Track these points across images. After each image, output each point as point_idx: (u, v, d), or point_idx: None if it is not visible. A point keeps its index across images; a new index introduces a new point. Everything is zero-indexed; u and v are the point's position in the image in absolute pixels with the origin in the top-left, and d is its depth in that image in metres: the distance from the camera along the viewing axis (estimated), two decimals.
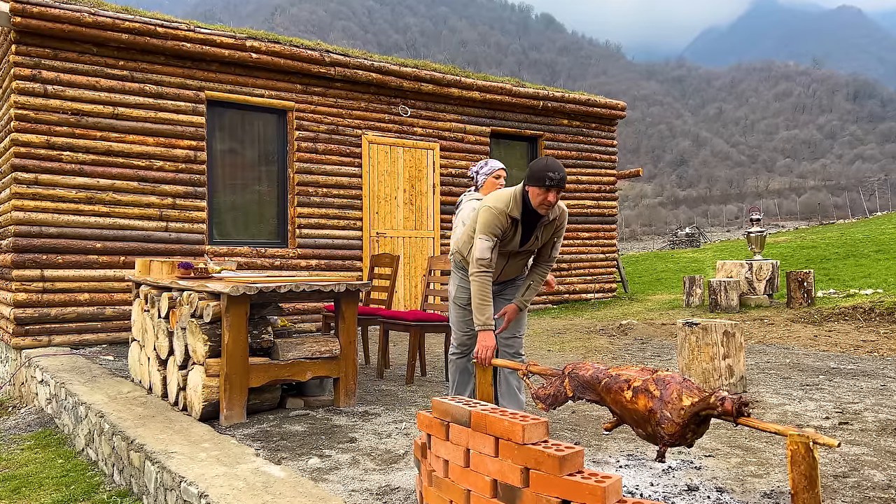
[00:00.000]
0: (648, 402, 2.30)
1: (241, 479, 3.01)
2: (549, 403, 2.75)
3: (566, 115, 10.60)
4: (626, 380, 2.41)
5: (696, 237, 29.02)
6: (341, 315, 4.53)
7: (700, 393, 2.23)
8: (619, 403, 2.43)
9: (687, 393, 2.23)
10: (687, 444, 2.28)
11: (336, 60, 8.36)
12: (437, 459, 2.28)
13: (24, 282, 6.67)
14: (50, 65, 6.80)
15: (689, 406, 2.21)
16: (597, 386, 2.54)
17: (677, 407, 2.22)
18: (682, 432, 2.22)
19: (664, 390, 2.27)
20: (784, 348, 6.91)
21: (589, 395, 2.58)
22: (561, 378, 2.74)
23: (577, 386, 2.63)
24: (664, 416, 2.24)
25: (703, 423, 2.25)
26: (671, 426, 2.22)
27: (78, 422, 4.73)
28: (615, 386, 2.44)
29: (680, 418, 2.21)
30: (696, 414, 2.20)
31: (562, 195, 3.80)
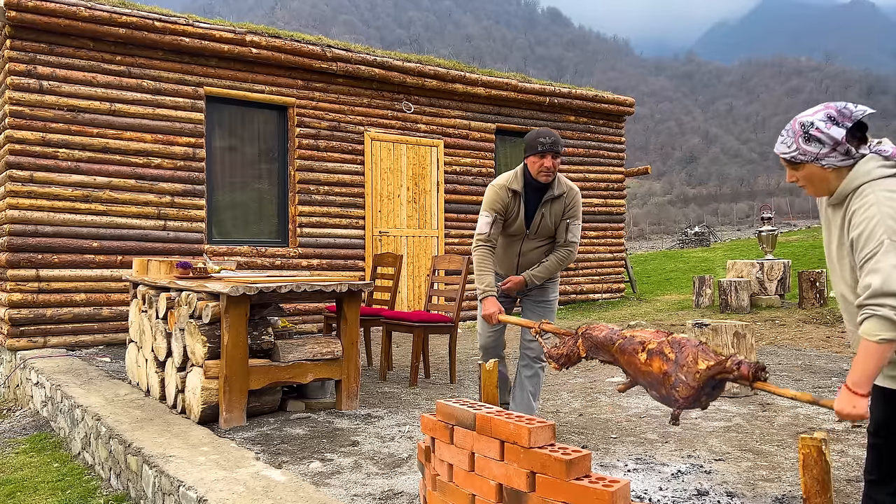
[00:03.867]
0: (663, 365, 2.31)
1: (241, 484, 2.99)
2: (562, 363, 2.78)
3: (573, 112, 10.45)
4: (641, 342, 2.41)
5: (706, 236, 28.86)
6: (343, 316, 4.51)
7: (716, 357, 2.22)
8: (632, 365, 2.44)
9: (703, 356, 2.23)
10: (702, 406, 2.29)
11: (338, 56, 8.24)
12: (441, 463, 2.26)
13: (19, 282, 6.58)
14: (46, 60, 6.71)
15: (704, 370, 2.21)
16: (610, 347, 2.54)
17: (693, 370, 2.22)
18: (696, 395, 2.22)
19: (679, 353, 2.28)
20: (796, 350, 6.85)
21: (602, 355, 2.60)
22: (574, 338, 2.75)
23: (591, 347, 2.64)
24: (679, 379, 2.24)
25: (718, 386, 2.25)
26: (686, 389, 2.22)
27: (74, 425, 4.72)
28: (629, 347, 2.45)
29: (695, 381, 2.21)
30: (712, 378, 2.20)
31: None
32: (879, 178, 2.01)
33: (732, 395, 4.87)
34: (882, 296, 1.86)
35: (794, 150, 2.12)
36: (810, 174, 2.13)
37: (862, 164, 2.06)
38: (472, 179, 9.49)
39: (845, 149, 2.06)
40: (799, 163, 2.13)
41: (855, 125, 2.08)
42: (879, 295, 1.87)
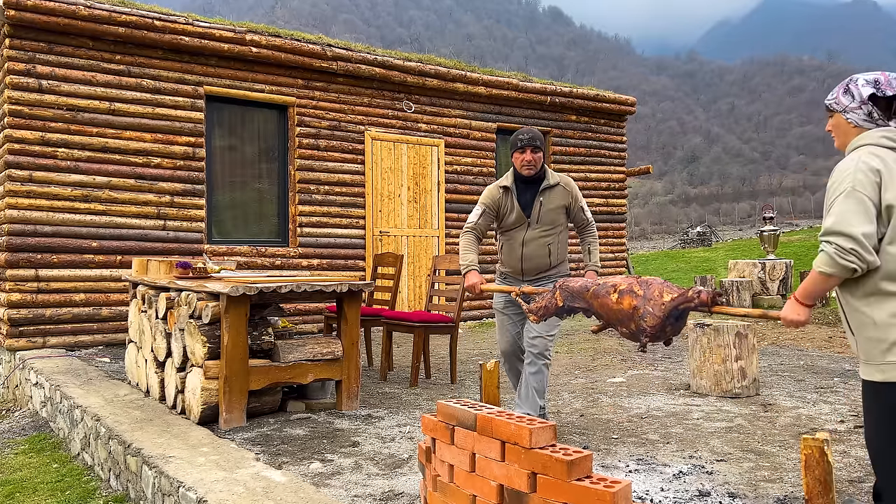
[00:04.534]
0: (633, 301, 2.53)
1: (241, 485, 2.99)
2: (541, 315, 2.98)
3: (574, 111, 10.41)
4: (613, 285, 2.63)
5: (707, 236, 28.80)
6: (344, 316, 4.52)
7: (679, 289, 2.47)
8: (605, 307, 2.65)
9: (667, 290, 2.48)
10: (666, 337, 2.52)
11: (338, 55, 8.22)
12: (441, 464, 2.26)
13: (18, 282, 6.57)
14: (45, 59, 6.69)
15: (668, 301, 2.44)
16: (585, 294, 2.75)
17: (658, 302, 2.45)
18: (662, 325, 2.45)
19: (647, 289, 2.52)
20: (798, 350, 6.84)
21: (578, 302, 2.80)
22: (552, 291, 2.95)
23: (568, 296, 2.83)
24: (647, 311, 2.48)
25: (681, 318, 2.48)
26: (653, 319, 2.45)
27: (73, 425, 4.72)
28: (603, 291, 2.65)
29: (661, 311, 2.44)
30: (676, 308, 2.43)
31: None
32: (875, 144, 2.20)
33: (734, 396, 4.85)
34: (830, 234, 2.11)
35: (833, 98, 2.35)
36: (837, 124, 2.34)
37: (874, 131, 2.23)
38: (472, 179, 9.46)
39: (868, 110, 2.24)
40: (832, 111, 2.35)
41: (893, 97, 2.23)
42: (829, 233, 2.11)
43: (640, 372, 5.88)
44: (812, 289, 2.19)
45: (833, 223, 2.11)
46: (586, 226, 4.14)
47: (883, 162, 2.14)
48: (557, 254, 4.05)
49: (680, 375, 5.67)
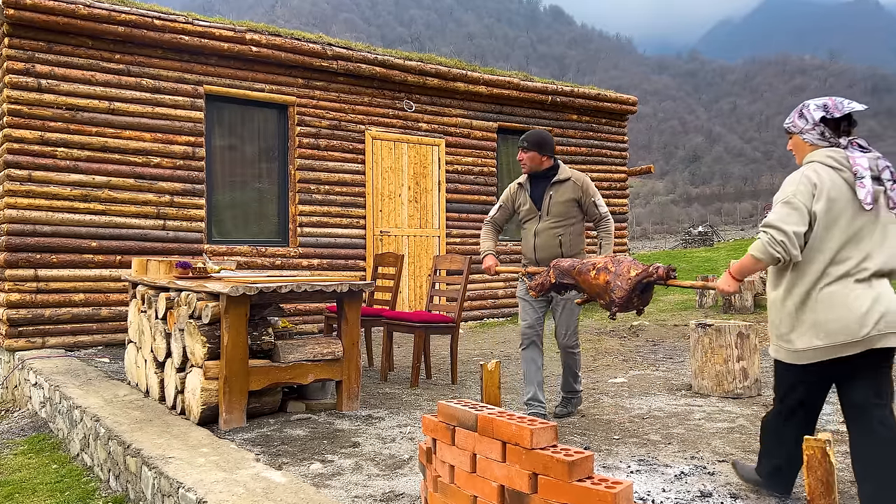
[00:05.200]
0: (606, 276, 3.00)
1: (241, 485, 2.99)
2: (538, 290, 3.43)
3: (576, 110, 10.39)
4: (593, 263, 3.11)
5: (709, 236, 28.73)
6: (344, 316, 4.51)
7: (644, 266, 2.94)
8: (587, 282, 3.13)
9: (634, 267, 2.95)
10: (634, 307, 2.99)
11: (339, 54, 8.20)
12: (442, 465, 2.26)
13: (18, 282, 6.55)
14: (44, 58, 6.68)
15: (634, 276, 2.92)
16: (572, 272, 3.22)
17: (626, 277, 2.93)
18: (629, 296, 2.92)
19: (618, 267, 3.00)
20: None
21: (567, 279, 3.26)
22: (548, 270, 3.44)
23: (559, 274, 3.28)
24: (616, 284, 2.95)
25: (646, 290, 2.96)
26: (620, 291, 2.92)
27: (73, 426, 4.71)
28: (585, 269, 3.11)
29: (628, 285, 2.92)
30: (640, 281, 2.91)
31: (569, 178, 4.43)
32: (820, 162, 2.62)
33: (736, 396, 4.83)
34: (768, 226, 2.55)
35: (790, 122, 2.78)
36: (796, 143, 2.77)
37: (822, 150, 2.65)
38: (473, 179, 9.44)
39: (821, 130, 2.66)
40: (791, 132, 2.78)
41: (843, 118, 2.65)
42: (767, 226, 2.55)
43: (641, 372, 5.86)
44: (743, 268, 2.65)
45: (772, 219, 2.55)
46: (600, 220, 4.35)
47: (820, 178, 2.57)
48: (570, 245, 4.29)
49: (681, 376, 5.65)
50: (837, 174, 2.58)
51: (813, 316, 2.54)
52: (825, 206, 2.54)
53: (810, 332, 2.55)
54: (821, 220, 2.55)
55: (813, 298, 2.55)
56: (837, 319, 2.50)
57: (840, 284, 2.53)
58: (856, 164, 2.57)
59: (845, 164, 2.58)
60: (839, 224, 2.55)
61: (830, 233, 2.55)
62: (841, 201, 2.55)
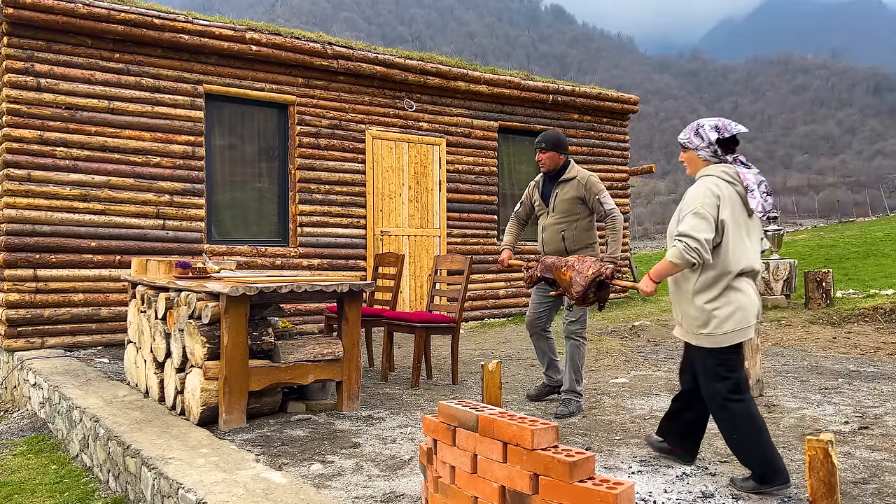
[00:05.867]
0: (571, 273, 3.41)
1: (241, 486, 2.99)
2: (528, 281, 3.80)
3: (577, 110, 10.36)
4: (566, 261, 3.49)
5: None
6: (344, 316, 4.51)
7: (599, 265, 3.36)
8: (559, 277, 3.52)
9: (592, 266, 3.35)
10: (591, 302, 3.43)
11: (339, 53, 8.18)
12: (443, 465, 2.27)
13: (17, 282, 6.54)
14: (43, 57, 6.66)
15: (590, 274, 3.33)
16: (552, 268, 3.59)
17: (584, 275, 3.34)
18: (584, 292, 3.33)
19: (581, 265, 3.40)
20: (802, 350, 6.80)
21: (548, 274, 3.62)
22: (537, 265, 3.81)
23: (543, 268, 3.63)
24: (576, 280, 3.36)
25: (601, 288, 3.36)
26: (578, 286, 3.33)
27: (72, 426, 4.71)
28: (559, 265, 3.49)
29: (584, 282, 3.33)
30: (594, 279, 3.32)
31: None
32: (717, 176, 3.05)
33: None
34: (683, 236, 2.94)
35: (686, 138, 3.16)
36: (690, 158, 3.18)
37: (717, 166, 3.09)
38: (474, 178, 9.41)
39: (714, 149, 3.10)
40: (686, 148, 3.17)
41: (730, 138, 3.10)
42: (682, 235, 2.95)
43: (642, 373, 5.84)
44: (662, 271, 3.04)
45: (686, 229, 2.93)
46: (605, 217, 4.55)
47: (721, 190, 3.00)
48: (573, 240, 4.56)
49: None
50: (732, 187, 3.03)
51: (728, 308, 2.98)
52: (730, 217, 2.99)
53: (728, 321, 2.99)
54: (729, 229, 2.98)
55: (727, 294, 3.00)
56: (744, 310, 3.00)
57: (741, 281, 3.02)
58: (746, 179, 3.05)
59: (737, 179, 3.05)
60: (738, 230, 3.02)
61: (732, 238, 3.00)
62: (737, 211, 3.02)
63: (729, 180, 3.04)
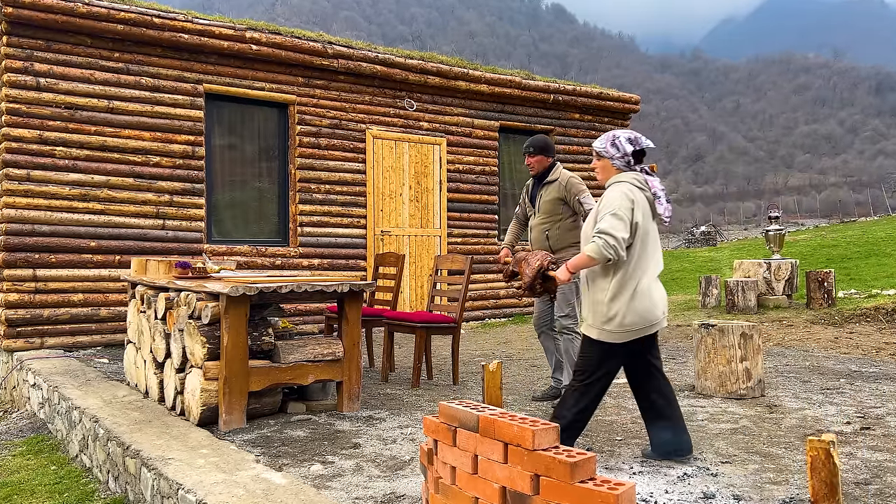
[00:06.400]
0: (524, 266, 3.62)
1: (241, 487, 2.99)
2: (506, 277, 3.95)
3: (578, 109, 10.34)
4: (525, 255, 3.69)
5: (712, 235, 28.66)
6: (345, 316, 4.50)
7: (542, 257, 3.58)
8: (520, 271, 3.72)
9: (540, 259, 3.56)
10: (538, 293, 3.57)
11: (339, 52, 8.16)
12: (443, 466, 2.27)
13: (16, 282, 6.53)
14: (43, 57, 6.65)
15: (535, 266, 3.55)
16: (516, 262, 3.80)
17: (533, 267, 3.56)
18: (532, 283, 3.52)
19: (532, 259, 3.59)
20: (803, 351, 6.77)
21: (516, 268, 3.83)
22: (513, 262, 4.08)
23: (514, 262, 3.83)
24: (525, 272, 3.57)
25: (546, 279, 3.51)
26: (527, 277, 3.54)
27: (71, 427, 4.70)
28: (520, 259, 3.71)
29: (532, 272, 3.54)
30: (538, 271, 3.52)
31: None
32: (630, 183, 3.34)
33: (739, 397, 4.78)
34: (602, 233, 3.19)
35: (602, 147, 3.42)
36: (605, 166, 3.44)
37: (629, 173, 3.38)
38: (475, 178, 9.39)
39: (628, 160, 3.39)
40: (602, 156, 3.43)
41: (640, 150, 3.39)
42: (601, 233, 3.20)
43: None
44: (579, 264, 3.30)
45: (605, 227, 3.20)
46: (585, 216, 4.62)
47: (635, 195, 3.28)
48: (556, 239, 4.70)
49: (684, 376, 5.61)
50: (643, 193, 3.33)
51: (637, 304, 3.24)
52: (642, 220, 3.28)
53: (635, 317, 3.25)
54: (640, 230, 3.26)
55: (638, 291, 3.25)
56: (650, 307, 3.27)
57: (649, 280, 3.29)
58: (654, 187, 3.37)
59: (647, 186, 3.36)
60: (648, 233, 3.31)
61: (643, 240, 3.28)
62: (646, 214, 3.32)
63: (640, 186, 3.34)
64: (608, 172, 3.43)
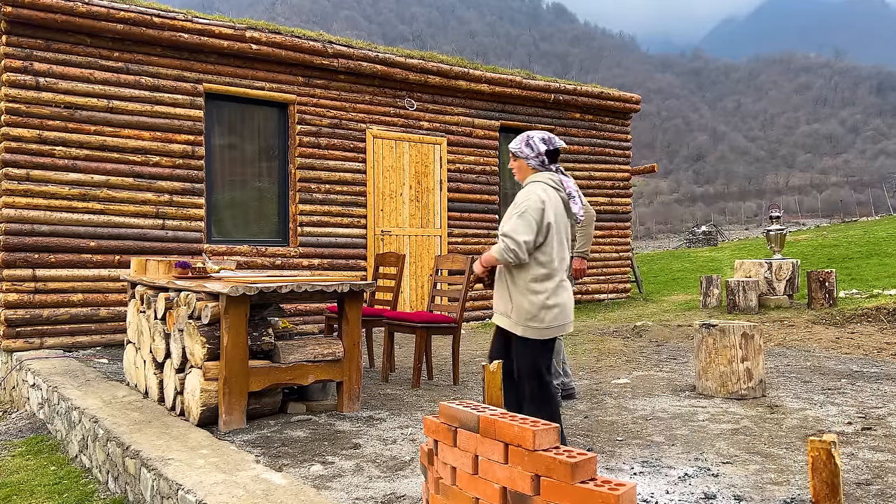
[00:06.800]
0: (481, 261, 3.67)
1: (241, 487, 2.99)
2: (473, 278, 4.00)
3: (578, 109, 10.32)
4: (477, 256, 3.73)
5: (713, 235, 28.62)
6: (345, 316, 4.50)
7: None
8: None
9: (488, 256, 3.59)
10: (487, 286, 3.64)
11: (339, 52, 8.15)
12: (444, 466, 2.26)
13: (15, 282, 6.52)
14: (42, 56, 6.64)
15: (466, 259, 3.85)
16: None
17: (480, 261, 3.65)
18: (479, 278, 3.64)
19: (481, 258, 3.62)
20: (805, 351, 6.76)
21: None
22: None
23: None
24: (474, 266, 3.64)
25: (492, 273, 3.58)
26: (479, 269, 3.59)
27: (71, 427, 4.70)
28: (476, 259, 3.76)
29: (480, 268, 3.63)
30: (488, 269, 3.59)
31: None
32: (540, 181, 3.38)
33: (740, 397, 4.76)
34: (505, 235, 3.28)
35: (517, 147, 3.46)
36: (520, 166, 3.48)
37: (544, 173, 3.42)
38: (475, 178, 9.38)
39: (542, 159, 3.43)
40: (517, 157, 3.47)
41: (554, 150, 3.43)
42: (505, 235, 3.28)
43: (644, 373, 5.80)
44: (488, 261, 3.41)
45: (509, 229, 3.26)
46: None
47: (547, 195, 3.32)
48: None
49: (685, 377, 5.59)
50: (557, 193, 3.38)
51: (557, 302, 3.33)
52: (554, 218, 3.31)
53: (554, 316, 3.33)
54: (553, 229, 3.30)
55: (555, 291, 3.34)
56: (565, 307, 3.37)
57: (562, 280, 3.38)
58: (569, 187, 3.42)
59: (561, 186, 3.40)
60: (561, 233, 3.36)
61: (557, 239, 3.33)
62: (560, 214, 3.36)
63: (555, 186, 3.39)
64: (524, 172, 3.49)
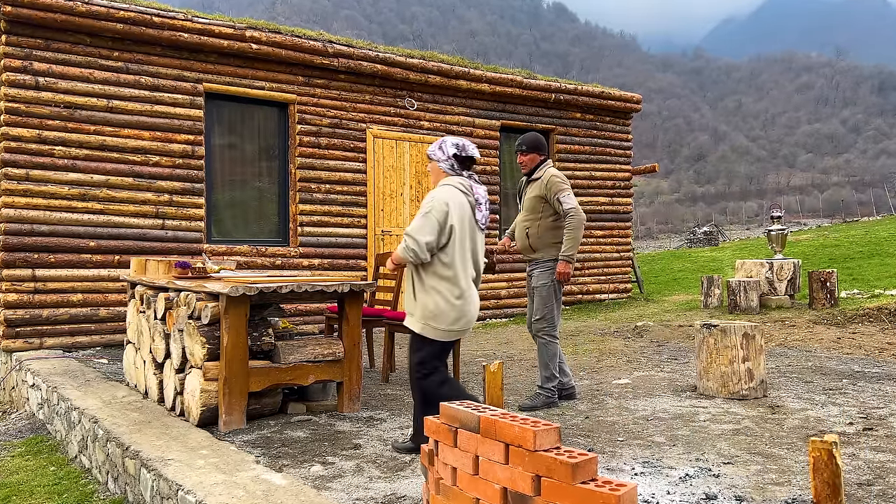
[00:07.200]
0: None
1: (241, 488, 2.99)
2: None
3: (579, 109, 10.30)
4: None
5: (714, 235, 28.58)
6: (345, 316, 4.51)
7: None
8: None
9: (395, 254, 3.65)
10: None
11: (339, 51, 8.13)
12: (444, 467, 2.27)
13: (15, 282, 6.51)
14: (42, 56, 6.64)
15: None
16: None
17: None
18: None
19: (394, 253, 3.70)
20: (806, 351, 6.75)
21: None
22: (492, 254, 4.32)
23: None
24: None
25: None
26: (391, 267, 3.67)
27: (71, 428, 4.71)
28: None
29: None
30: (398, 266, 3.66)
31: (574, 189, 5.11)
32: (450, 185, 3.50)
33: (741, 398, 4.75)
34: (407, 235, 3.41)
35: (432, 150, 3.62)
36: (434, 168, 3.63)
37: (454, 177, 3.55)
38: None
39: (451, 163, 3.57)
40: (431, 159, 3.63)
41: (467, 157, 3.58)
42: (407, 234, 3.40)
43: (645, 373, 5.79)
44: (395, 260, 3.54)
45: (412, 229, 3.39)
46: (564, 216, 4.63)
47: (454, 198, 3.43)
48: (537, 237, 4.72)
49: (686, 377, 5.58)
50: (465, 198, 3.48)
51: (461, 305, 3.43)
52: (458, 222, 3.41)
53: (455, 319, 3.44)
54: (457, 233, 3.40)
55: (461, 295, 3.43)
56: (468, 310, 3.48)
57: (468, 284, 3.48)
58: (477, 193, 3.54)
59: (470, 191, 3.52)
60: (466, 238, 3.46)
61: (462, 244, 3.43)
62: (466, 219, 3.46)
63: (463, 190, 3.50)
64: (437, 175, 3.60)
